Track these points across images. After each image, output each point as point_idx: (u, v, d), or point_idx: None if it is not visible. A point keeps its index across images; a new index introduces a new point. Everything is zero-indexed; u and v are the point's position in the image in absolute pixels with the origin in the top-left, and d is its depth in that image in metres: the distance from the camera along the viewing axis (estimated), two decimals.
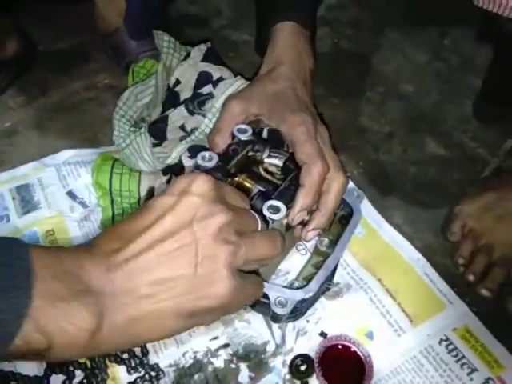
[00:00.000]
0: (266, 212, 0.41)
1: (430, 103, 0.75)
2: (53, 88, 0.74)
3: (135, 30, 0.66)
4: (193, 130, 0.55)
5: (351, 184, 0.59)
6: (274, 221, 0.41)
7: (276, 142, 0.52)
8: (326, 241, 0.51)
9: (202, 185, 0.33)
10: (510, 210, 0.53)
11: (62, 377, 0.43)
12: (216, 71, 0.57)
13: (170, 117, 0.54)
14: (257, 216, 0.37)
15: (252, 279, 0.36)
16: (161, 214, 0.31)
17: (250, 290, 0.36)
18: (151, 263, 0.30)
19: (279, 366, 0.45)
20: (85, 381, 0.43)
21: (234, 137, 0.48)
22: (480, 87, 0.73)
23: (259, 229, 0.37)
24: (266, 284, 0.43)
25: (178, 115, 0.54)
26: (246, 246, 0.33)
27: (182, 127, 0.55)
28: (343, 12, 0.93)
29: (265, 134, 0.51)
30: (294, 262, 0.52)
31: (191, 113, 0.55)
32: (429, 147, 0.68)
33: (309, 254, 0.53)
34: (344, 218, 0.51)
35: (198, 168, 0.44)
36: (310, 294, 0.43)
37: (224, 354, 0.45)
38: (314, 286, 0.43)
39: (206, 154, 0.44)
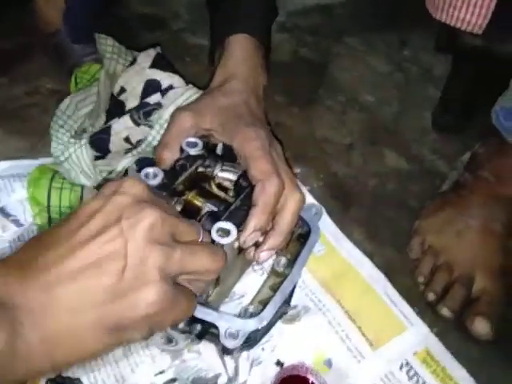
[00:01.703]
0: (214, 235, 0.37)
1: (390, 114, 0.74)
2: None
3: (76, 34, 0.61)
4: (138, 142, 0.50)
5: (310, 199, 0.57)
6: (223, 245, 0.37)
7: (231, 157, 0.49)
8: (283, 260, 0.48)
9: (131, 185, 0.31)
10: (468, 226, 0.52)
11: None
12: (165, 79, 0.53)
13: (113, 128, 0.50)
14: (199, 226, 0.35)
15: (185, 291, 0.32)
16: (87, 217, 0.29)
17: (183, 303, 0.32)
18: (73, 270, 0.27)
19: None
20: None
21: (182, 151, 0.44)
22: (439, 98, 0.73)
23: (200, 240, 0.34)
24: (214, 313, 0.39)
25: (122, 126, 0.50)
26: (183, 251, 0.30)
27: (127, 139, 0.51)
28: (303, 19, 0.91)
29: (219, 150, 0.48)
30: (250, 284, 0.49)
31: (137, 123, 0.51)
32: (388, 159, 0.67)
33: (266, 275, 0.50)
34: (302, 236, 0.49)
35: None
36: (264, 323, 0.40)
37: None
38: (268, 313, 0.40)
39: (150, 170, 0.40)
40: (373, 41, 0.89)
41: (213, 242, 0.37)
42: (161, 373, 0.42)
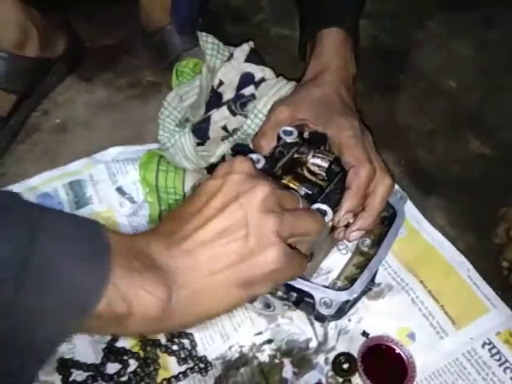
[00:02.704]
0: None
1: (474, 100, 0.73)
2: (99, 85, 0.77)
3: (182, 25, 0.68)
4: (234, 131, 0.56)
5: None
6: None
7: (318, 142, 0.53)
8: (367, 241, 0.51)
9: (241, 164, 0.36)
10: None
11: (117, 365, 0.46)
12: (258, 72, 0.58)
13: (212, 117, 0.56)
14: (298, 195, 0.39)
15: (297, 251, 0.37)
16: (210, 195, 0.34)
17: (296, 261, 0.36)
18: (206, 239, 0.33)
19: (322, 362, 0.46)
20: (138, 369, 0.46)
21: (279, 139, 0.49)
22: None
23: (300, 206, 0.38)
24: (310, 284, 0.44)
25: (220, 116, 0.56)
26: (291, 216, 0.35)
27: (224, 128, 0.56)
28: (384, 4, 0.91)
29: (306, 135, 0.52)
30: (335, 262, 0.53)
31: (233, 113, 0.56)
32: (472, 146, 0.67)
33: (349, 254, 0.54)
34: (386, 218, 0.52)
35: None
36: (355, 296, 0.44)
37: (268, 349, 0.47)
38: (358, 287, 0.44)
39: (254, 156, 0.45)
40: (455, 23, 0.87)
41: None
42: (259, 333, 0.48)
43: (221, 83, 0.58)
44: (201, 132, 0.57)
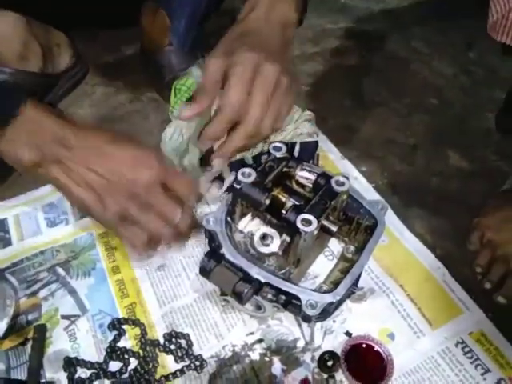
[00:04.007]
0: (299, 224, 0.46)
1: (454, 116, 0.78)
2: (101, 100, 0.81)
3: (180, 46, 0.72)
4: None
5: (376, 196, 0.63)
6: (306, 232, 0.46)
7: (306, 155, 0.58)
8: (351, 248, 0.56)
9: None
10: None
11: (119, 363, 0.49)
12: None
13: None
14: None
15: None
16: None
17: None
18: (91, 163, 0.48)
19: (308, 360, 0.50)
20: (138, 367, 0.49)
21: (269, 154, 0.53)
22: (503, 100, 0.76)
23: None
24: (297, 287, 0.48)
25: None
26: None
27: None
28: (371, 25, 0.97)
29: (297, 151, 0.57)
30: (322, 267, 0.57)
31: None
32: (452, 160, 0.72)
33: (335, 260, 0.58)
34: (369, 227, 0.56)
35: (238, 183, 0.49)
36: (338, 298, 0.48)
37: (259, 348, 0.51)
38: (341, 290, 0.48)
39: (246, 170, 0.50)
40: (438, 43, 0.92)
41: (297, 231, 0.46)
42: (251, 333, 0.52)
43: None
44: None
